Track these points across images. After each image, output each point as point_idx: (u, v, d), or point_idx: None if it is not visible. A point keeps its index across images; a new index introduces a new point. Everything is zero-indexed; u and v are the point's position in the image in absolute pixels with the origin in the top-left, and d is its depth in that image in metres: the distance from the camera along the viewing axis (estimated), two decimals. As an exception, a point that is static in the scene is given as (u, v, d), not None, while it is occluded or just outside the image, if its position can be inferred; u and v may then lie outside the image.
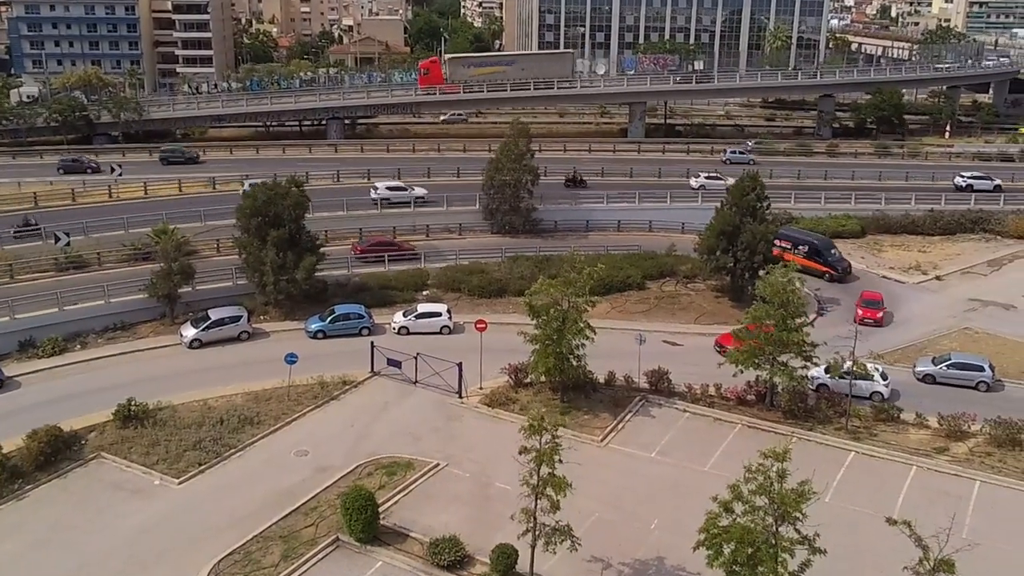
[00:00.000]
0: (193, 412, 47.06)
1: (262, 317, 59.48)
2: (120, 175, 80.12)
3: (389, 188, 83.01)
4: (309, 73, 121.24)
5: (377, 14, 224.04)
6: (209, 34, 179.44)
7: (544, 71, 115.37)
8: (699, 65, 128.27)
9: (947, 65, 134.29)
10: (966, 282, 71.38)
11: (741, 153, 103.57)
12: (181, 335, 55.59)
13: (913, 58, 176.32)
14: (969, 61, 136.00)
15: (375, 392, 50.54)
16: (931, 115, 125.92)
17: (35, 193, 75.84)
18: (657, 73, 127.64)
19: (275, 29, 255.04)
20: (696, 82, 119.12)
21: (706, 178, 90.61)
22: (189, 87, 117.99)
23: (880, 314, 61.82)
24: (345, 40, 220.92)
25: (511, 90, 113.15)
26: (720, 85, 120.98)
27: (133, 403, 45.80)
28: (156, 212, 71.65)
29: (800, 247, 69.74)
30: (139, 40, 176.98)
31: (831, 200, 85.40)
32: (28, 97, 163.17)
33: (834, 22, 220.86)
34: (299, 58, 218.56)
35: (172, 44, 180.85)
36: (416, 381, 50.69)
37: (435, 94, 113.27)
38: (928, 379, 52.75)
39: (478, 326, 50.72)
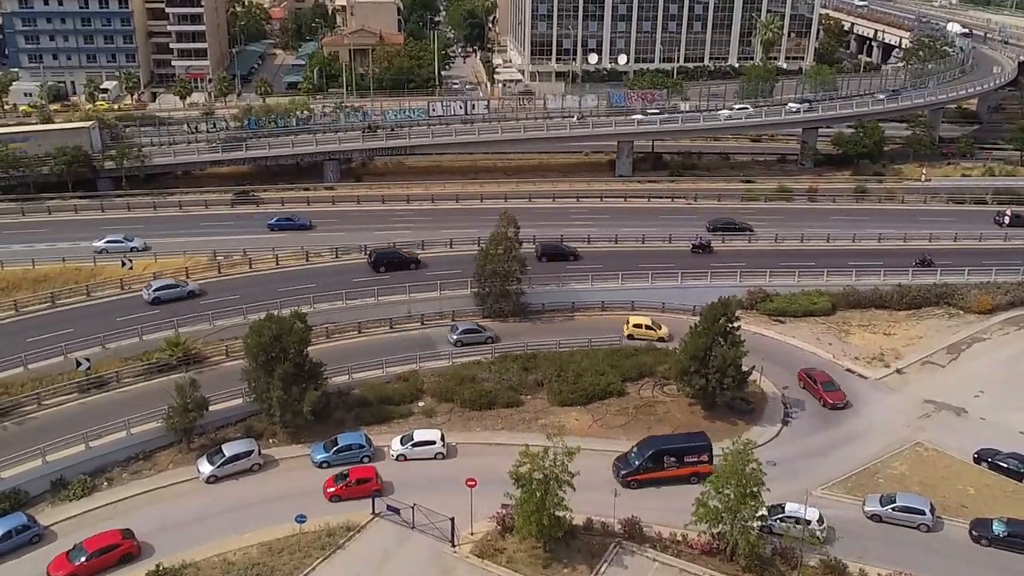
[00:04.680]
0: (214, 570, 52.60)
1: (271, 440, 64.76)
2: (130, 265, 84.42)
3: None
4: (306, 112, 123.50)
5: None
6: (203, 27, 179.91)
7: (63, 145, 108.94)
8: (684, 106, 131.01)
9: (930, 90, 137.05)
10: (925, 375, 76.74)
11: None
12: (198, 470, 60.88)
13: (900, 52, 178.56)
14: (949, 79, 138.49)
15: (376, 538, 55.80)
16: (910, 145, 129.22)
17: (51, 294, 79.96)
18: (644, 107, 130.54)
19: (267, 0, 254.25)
20: (683, 122, 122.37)
21: None
22: (188, 127, 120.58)
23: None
24: (339, 20, 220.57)
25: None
26: (706, 124, 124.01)
27: (160, 567, 51.41)
28: (167, 316, 76.02)
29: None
30: (133, 34, 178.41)
31: (805, 275, 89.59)
32: (26, 94, 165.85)
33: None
34: (293, 39, 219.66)
35: (167, 36, 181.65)
36: (413, 526, 56.24)
37: None
38: (875, 518, 58.58)
39: (468, 483, 55.81)
